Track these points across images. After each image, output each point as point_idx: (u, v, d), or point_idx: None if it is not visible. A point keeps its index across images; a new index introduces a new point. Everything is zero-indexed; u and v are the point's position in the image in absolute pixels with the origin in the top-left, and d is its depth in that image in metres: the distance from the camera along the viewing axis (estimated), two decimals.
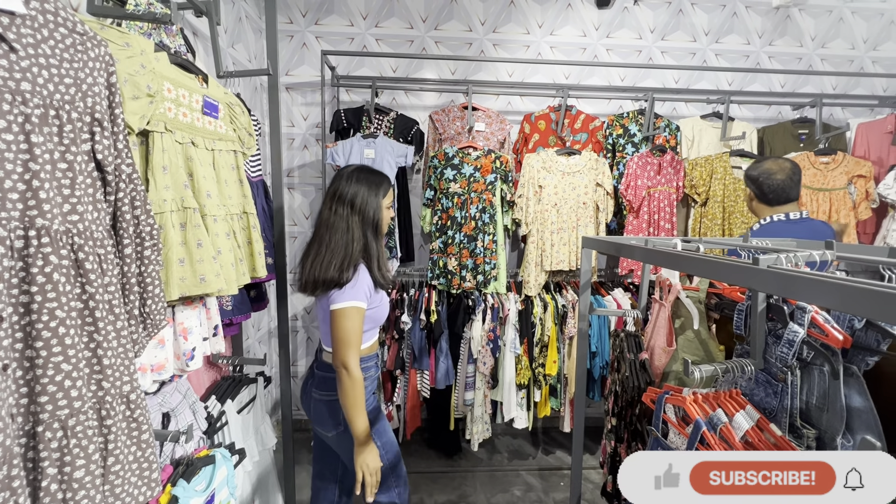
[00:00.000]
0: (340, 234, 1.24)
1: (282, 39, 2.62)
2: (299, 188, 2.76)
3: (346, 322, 1.20)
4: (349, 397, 1.20)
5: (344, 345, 1.19)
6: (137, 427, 0.73)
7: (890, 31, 2.79)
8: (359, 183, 1.28)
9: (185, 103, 1.04)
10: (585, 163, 2.40)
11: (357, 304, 1.22)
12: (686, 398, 0.99)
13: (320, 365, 1.36)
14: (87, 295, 0.67)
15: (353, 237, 1.24)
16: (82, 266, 0.67)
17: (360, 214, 1.26)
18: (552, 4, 2.68)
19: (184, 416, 1.25)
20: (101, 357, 0.68)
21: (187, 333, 1.09)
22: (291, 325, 2.85)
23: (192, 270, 0.99)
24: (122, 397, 0.72)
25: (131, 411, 0.73)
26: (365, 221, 1.27)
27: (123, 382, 0.72)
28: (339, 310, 1.20)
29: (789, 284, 0.70)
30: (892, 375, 0.84)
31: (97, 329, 0.68)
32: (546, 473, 2.49)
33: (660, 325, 1.42)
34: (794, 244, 1.33)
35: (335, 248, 1.23)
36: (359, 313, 1.22)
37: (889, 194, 2.42)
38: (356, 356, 1.21)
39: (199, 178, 1.05)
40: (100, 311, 0.68)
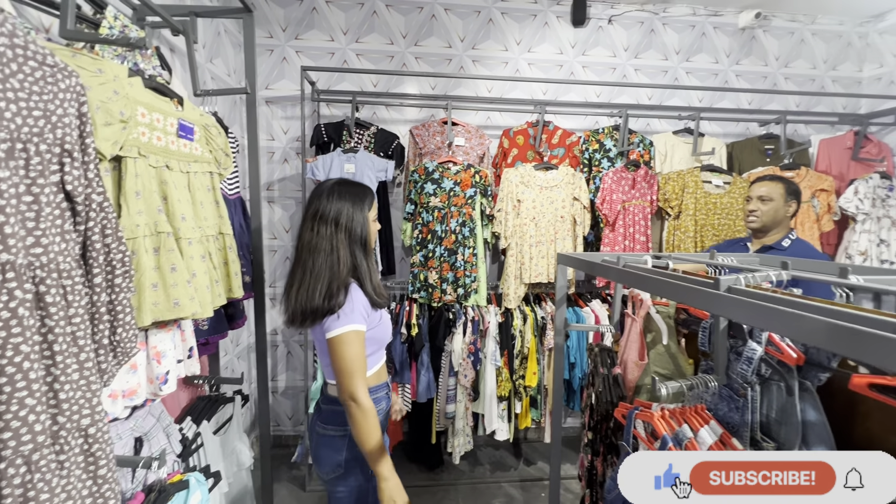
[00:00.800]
0: (324, 257, 1.11)
1: (262, 53, 2.63)
2: (279, 202, 2.75)
3: (347, 349, 1.07)
4: (363, 431, 1.07)
5: (348, 375, 1.07)
6: (95, 462, 0.73)
7: (847, 53, 2.95)
8: (341, 198, 1.15)
9: (159, 127, 1.04)
10: (562, 177, 2.45)
11: (355, 328, 1.09)
12: (654, 414, 1.03)
13: (325, 398, 1.24)
14: (46, 328, 0.67)
15: (338, 257, 1.12)
16: (43, 299, 0.66)
17: (346, 232, 1.14)
18: (529, 22, 2.75)
19: (157, 440, 1.23)
20: (57, 391, 0.68)
21: (161, 357, 1.08)
22: (271, 340, 2.82)
23: (165, 295, 0.98)
24: (80, 431, 0.71)
25: (89, 445, 0.72)
26: (352, 239, 1.15)
27: (83, 416, 0.71)
28: (336, 337, 1.07)
29: (747, 310, 0.74)
30: (843, 390, 0.89)
31: (54, 363, 0.68)
32: (528, 485, 2.51)
33: (632, 340, 1.47)
34: (756, 260, 1.39)
35: (319, 273, 1.10)
36: (358, 337, 1.10)
37: (849, 207, 2.54)
38: (364, 385, 1.09)
39: (174, 201, 1.05)
40: (59, 345, 0.68)
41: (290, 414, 2.89)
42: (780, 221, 1.79)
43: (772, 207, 1.77)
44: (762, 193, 1.79)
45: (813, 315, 0.63)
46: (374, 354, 1.23)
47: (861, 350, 0.56)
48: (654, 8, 2.80)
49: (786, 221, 1.80)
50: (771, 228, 1.80)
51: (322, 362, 1.22)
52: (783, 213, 1.78)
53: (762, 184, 1.82)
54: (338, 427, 1.18)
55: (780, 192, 1.78)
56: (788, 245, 1.77)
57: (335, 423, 1.19)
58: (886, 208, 2.57)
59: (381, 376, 1.28)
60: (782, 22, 2.89)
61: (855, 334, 0.56)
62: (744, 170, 2.71)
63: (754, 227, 1.83)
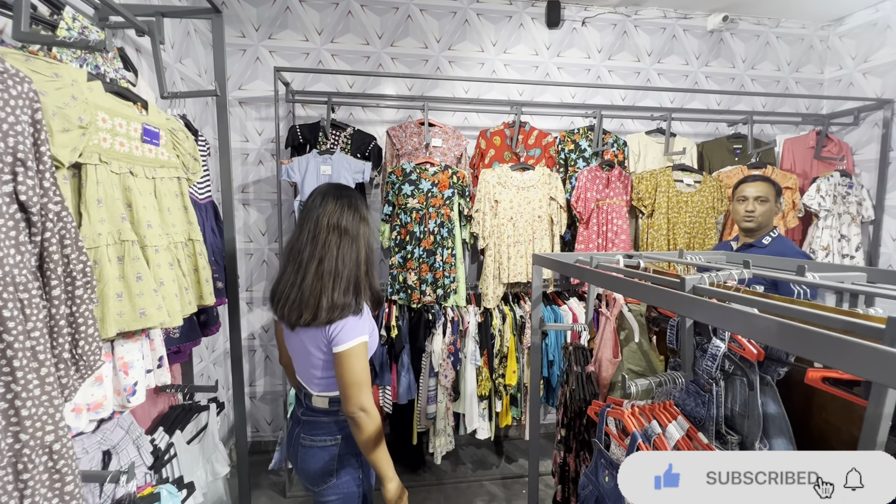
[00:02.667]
0: (342, 262, 1.10)
1: (234, 53, 2.58)
2: (255, 204, 2.70)
3: (356, 362, 1.06)
4: (372, 440, 1.09)
5: (357, 387, 1.06)
6: (61, 479, 0.71)
7: (809, 55, 3.06)
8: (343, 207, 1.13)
9: (122, 132, 1.01)
10: (539, 177, 2.48)
11: (363, 339, 1.10)
12: (624, 411, 1.05)
13: (310, 410, 1.20)
14: (4, 344, 0.64)
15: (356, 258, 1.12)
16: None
17: (351, 238, 1.12)
18: (505, 24, 2.77)
19: (126, 453, 1.20)
20: (18, 408, 0.66)
21: (128, 368, 1.06)
22: (249, 345, 2.78)
23: (131, 305, 0.96)
24: (44, 448, 0.69)
25: (54, 462, 0.70)
26: (359, 247, 1.14)
27: (46, 432, 0.69)
28: (347, 351, 1.06)
29: (707, 312, 0.77)
30: (800, 384, 0.93)
31: (15, 379, 0.65)
32: (509, 482, 2.53)
33: (606, 338, 1.50)
34: (723, 258, 1.43)
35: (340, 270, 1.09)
36: (365, 348, 1.10)
37: (812, 204, 2.65)
38: (370, 394, 1.09)
39: (139, 208, 1.02)
40: (19, 360, 0.66)
41: (270, 419, 2.85)
42: (771, 221, 1.85)
43: (768, 208, 1.83)
44: (759, 194, 1.83)
45: (765, 315, 0.66)
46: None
47: (808, 348, 0.59)
48: (626, 10, 2.85)
49: (773, 220, 1.86)
50: (764, 227, 1.86)
51: (306, 371, 1.18)
52: (774, 213, 1.85)
53: (754, 184, 1.86)
54: (327, 437, 1.18)
55: (773, 192, 1.84)
56: (769, 242, 1.83)
57: (324, 433, 1.18)
58: (846, 205, 2.69)
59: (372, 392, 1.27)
60: (748, 25, 2.98)
61: (802, 333, 0.59)
62: (714, 169, 2.80)
63: (751, 226, 1.86)
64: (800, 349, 0.60)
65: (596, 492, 1.15)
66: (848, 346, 0.54)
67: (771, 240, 1.84)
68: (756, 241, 1.86)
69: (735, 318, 0.68)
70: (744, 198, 1.88)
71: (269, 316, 2.77)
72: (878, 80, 2.80)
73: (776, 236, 1.85)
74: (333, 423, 1.18)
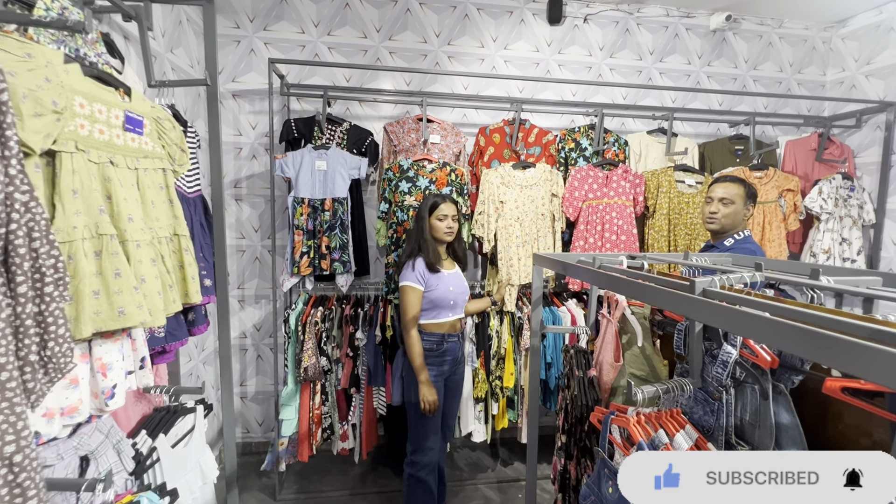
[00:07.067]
0: (411, 235, 1.94)
1: (228, 45, 2.51)
2: (248, 199, 2.64)
3: (402, 297, 1.83)
4: (413, 352, 1.80)
5: (403, 314, 1.85)
6: (22, 493, 0.65)
7: (812, 57, 3.04)
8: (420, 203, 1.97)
9: (101, 119, 0.95)
10: (541, 175, 2.43)
11: (409, 284, 1.82)
12: (630, 419, 1.01)
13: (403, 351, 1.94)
14: None
15: (413, 238, 1.92)
16: None
17: (418, 221, 1.92)
18: (506, 19, 2.72)
19: (106, 459, 1.14)
20: None
21: (106, 370, 1.00)
22: (240, 344, 2.71)
23: (108, 303, 0.90)
24: (3, 460, 0.63)
25: (15, 475, 0.64)
26: (420, 227, 1.90)
27: (6, 443, 0.63)
28: (400, 287, 1.86)
29: (722, 316, 0.72)
30: (815, 392, 0.89)
31: None
32: (504, 486, 2.49)
33: (607, 341, 1.45)
34: (729, 261, 1.39)
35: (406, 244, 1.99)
36: (413, 292, 1.81)
37: (814, 207, 2.62)
38: (413, 323, 1.83)
39: (119, 200, 0.96)
40: None
41: (261, 420, 2.79)
42: (737, 224, 1.73)
43: (732, 210, 1.71)
44: (723, 195, 1.73)
45: (790, 321, 0.62)
46: (431, 311, 1.84)
47: (834, 356, 0.54)
48: (628, 8, 2.81)
49: (742, 224, 1.74)
50: (728, 231, 1.74)
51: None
52: (741, 217, 1.73)
53: (723, 185, 1.76)
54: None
55: (741, 193, 1.72)
56: (731, 244, 1.72)
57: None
58: (848, 208, 2.66)
59: (440, 328, 1.86)
60: (751, 25, 2.95)
61: (828, 340, 0.54)
62: (715, 170, 2.76)
63: (713, 228, 1.76)
64: (826, 358, 0.55)
65: (598, 502, 1.10)
66: (880, 355, 0.50)
67: (734, 241, 1.72)
68: (718, 243, 1.76)
69: (754, 323, 0.64)
70: (710, 199, 1.78)
71: (261, 314, 2.71)
72: (880, 83, 2.77)
73: (740, 238, 1.72)
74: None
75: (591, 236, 2.43)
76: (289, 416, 2.26)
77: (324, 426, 2.35)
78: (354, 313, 2.34)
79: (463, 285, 1.97)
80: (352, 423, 2.40)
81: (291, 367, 2.25)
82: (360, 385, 2.36)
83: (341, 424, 2.40)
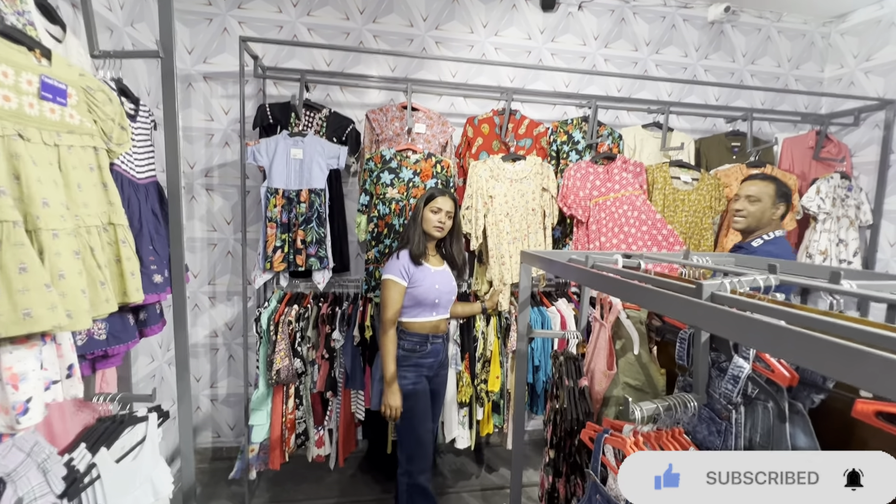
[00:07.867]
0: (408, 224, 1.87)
1: (199, 23, 2.33)
2: (219, 189, 2.47)
3: (383, 292, 1.75)
4: (386, 350, 1.72)
5: (383, 309, 1.74)
6: None
7: (810, 52, 2.95)
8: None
9: (8, 84, 0.79)
10: (531, 168, 2.31)
11: (391, 278, 1.73)
12: (626, 440, 0.89)
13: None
14: None
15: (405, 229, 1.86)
16: None
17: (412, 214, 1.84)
18: (497, 4, 2.58)
19: (27, 480, 0.98)
20: None
21: (18, 381, 0.84)
22: (211, 343, 2.55)
23: (10, 304, 0.75)
24: None
25: None
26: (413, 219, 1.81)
27: None
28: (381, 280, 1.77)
29: (736, 326, 0.60)
30: (838, 413, 0.78)
31: None
32: (488, 494, 2.37)
33: (600, 347, 1.33)
34: (732, 261, 1.28)
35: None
36: (395, 286, 1.72)
37: (811, 206, 2.54)
38: (392, 320, 1.72)
39: (31, 181, 0.81)
40: None
41: (233, 423, 2.63)
42: (766, 223, 1.70)
43: (759, 208, 1.69)
44: (751, 193, 1.71)
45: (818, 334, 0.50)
46: (414, 308, 1.74)
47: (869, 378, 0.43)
48: None
49: (774, 224, 1.71)
50: (755, 229, 1.72)
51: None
52: (770, 216, 1.70)
53: (752, 182, 1.74)
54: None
55: (770, 192, 1.69)
56: (759, 245, 1.69)
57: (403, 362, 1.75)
58: (845, 208, 2.58)
59: (423, 328, 1.76)
60: (750, 18, 2.85)
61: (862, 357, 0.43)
62: (711, 166, 2.66)
63: (738, 227, 1.74)
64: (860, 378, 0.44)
65: None
66: None
67: (763, 242, 1.69)
68: (745, 244, 1.73)
69: (773, 334, 0.52)
70: (737, 196, 1.78)
71: (234, 311, 2.55)
72: (880, 80, 2.70)
73: (770, 239, 1.70)
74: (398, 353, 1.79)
75: (605, 235, 2.28)
76: (260, 421, 2.11)
77: (297, 431, 2.20)
78: (332, 312, 2.20)
79: (450, 284, 1.84)
80: (328, 429, 2.26)
81: (263, 369, 2.10)
82: (336, 388, 2.22)
83: (317, 430, 2.26)
